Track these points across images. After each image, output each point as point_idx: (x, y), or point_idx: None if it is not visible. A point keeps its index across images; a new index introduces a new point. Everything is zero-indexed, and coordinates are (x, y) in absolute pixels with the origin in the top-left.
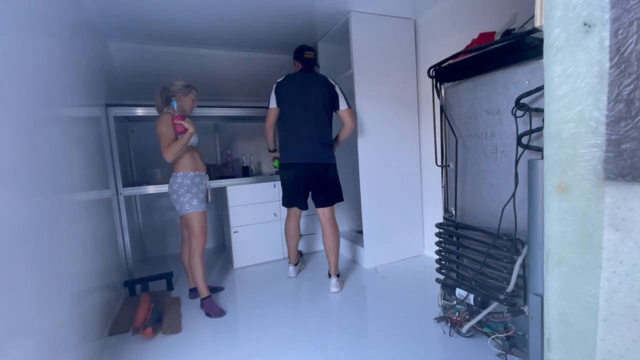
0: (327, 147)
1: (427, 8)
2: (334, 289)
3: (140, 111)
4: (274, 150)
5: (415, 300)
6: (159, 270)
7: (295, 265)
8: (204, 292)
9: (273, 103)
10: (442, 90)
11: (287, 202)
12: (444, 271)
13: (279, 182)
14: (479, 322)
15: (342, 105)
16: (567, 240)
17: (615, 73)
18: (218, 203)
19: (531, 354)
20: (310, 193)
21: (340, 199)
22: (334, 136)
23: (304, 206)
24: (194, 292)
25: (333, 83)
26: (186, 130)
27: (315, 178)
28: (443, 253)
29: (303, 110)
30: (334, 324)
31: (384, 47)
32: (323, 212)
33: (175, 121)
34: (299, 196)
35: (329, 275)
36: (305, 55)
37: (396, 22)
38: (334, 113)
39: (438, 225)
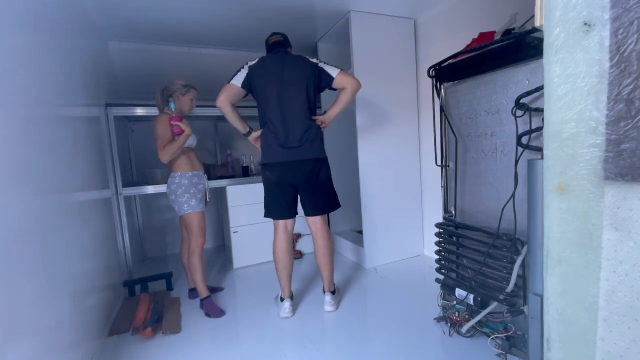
0: (315, 139)
1: (427, 8)
2: (328, 308)
3: (140, 111)
4: (249, 133)
5: (415, 300)
6: (159, 270)
7: (292, 299)
8: (203, 292)
9: (238, 81)
10: (442, 90)
11: (272, 212)
12: (444, 271)
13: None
14: (479, 322)
15: (333, 72)
16: (567, 240)
17: (615, 73)
18: (218, 203)
19: (531, 354)
20: (299, 198)
21: (336, 205)
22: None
23: (293, 214)
24: (193, 292)
25: (316, 61)
26: (183, 131)
27: (306, 179)
28: (443, 253)
29: (284, 98)
30: (333, 324)
31: (384, 47)
32: (314, 221)
33: (172, 122)
34: (287, 203)
35: (324, 292)
36: (271, 40)
37: (396, 22)
38: (329, 90)
39: (438, 226)
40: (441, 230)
